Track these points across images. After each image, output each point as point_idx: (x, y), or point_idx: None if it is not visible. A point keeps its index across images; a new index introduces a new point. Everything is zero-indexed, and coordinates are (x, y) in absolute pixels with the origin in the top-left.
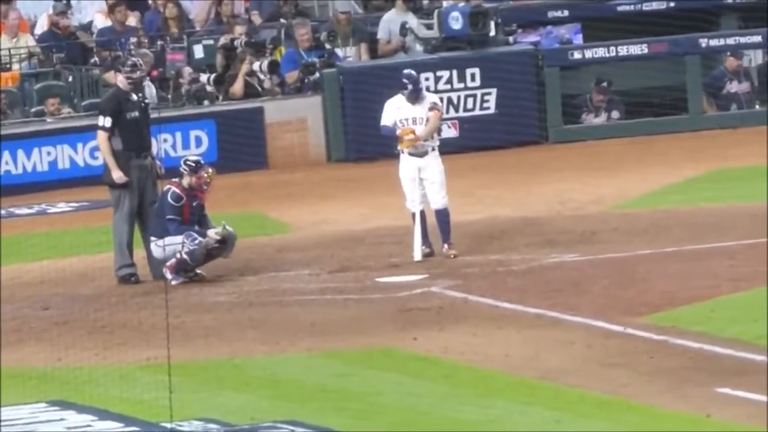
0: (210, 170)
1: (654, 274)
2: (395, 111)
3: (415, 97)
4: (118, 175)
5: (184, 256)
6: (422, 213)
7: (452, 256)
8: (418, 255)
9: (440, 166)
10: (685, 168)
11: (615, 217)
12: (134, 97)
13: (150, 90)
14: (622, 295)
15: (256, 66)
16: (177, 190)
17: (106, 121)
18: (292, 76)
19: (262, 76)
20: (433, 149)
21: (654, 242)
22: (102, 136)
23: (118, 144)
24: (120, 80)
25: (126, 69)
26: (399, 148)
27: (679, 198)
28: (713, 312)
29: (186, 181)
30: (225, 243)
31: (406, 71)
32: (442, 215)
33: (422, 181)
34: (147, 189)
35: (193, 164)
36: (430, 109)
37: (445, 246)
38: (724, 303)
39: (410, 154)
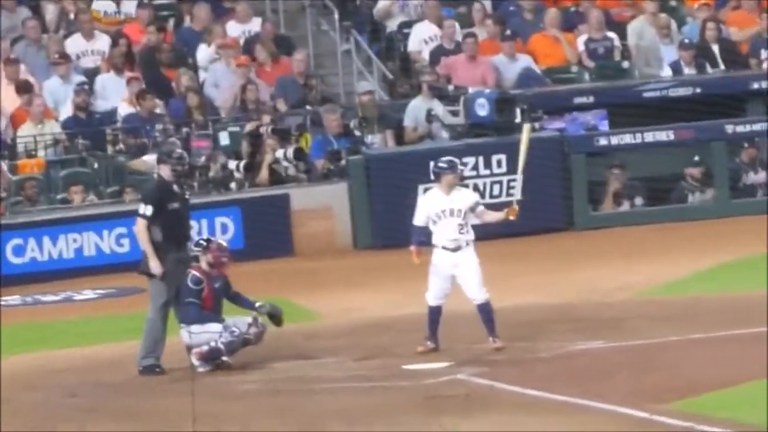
0: (221, 242)
1: (680, 360)
2: (428, 207)
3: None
4: (155, 265)
5: (220, 346)
6: (439, 308)
7: (498, 349)
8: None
9: (475, 260)
10: (712, 255)
11: (642, 304)
12: (176, 188)
13: None
14: (648, 382)
15: (280, 153)
16: (197, 273)
17: (147, 210)
18: (321, 163)
19: (287, 164)
20: (468, 243)
21: (681, 329)
22: (141, 224)
23: (157, 234)
24: (165, 171)
25: (172, 161)
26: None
27: (707, 285)
28: (740, 398)
29: (204, 261)
30: (275, 317)
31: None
32: (485, 309)
33: (456, 278)
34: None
35: (204, 242)
36: (474, 208)
37: (490, 339)
38: (753, 388)
39: (443, 248)
